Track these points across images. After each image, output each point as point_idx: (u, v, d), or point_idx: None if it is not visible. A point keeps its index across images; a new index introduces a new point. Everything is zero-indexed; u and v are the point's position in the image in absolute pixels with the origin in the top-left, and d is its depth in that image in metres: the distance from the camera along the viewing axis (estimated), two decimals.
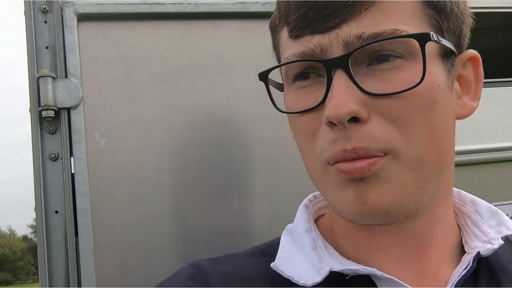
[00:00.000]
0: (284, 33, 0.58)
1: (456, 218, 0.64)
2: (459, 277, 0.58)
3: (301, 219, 0.65)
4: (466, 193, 0.66)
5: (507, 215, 1.22)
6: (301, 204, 0.67)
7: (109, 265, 0.94)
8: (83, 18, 0.97)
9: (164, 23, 1.00)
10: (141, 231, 0.95)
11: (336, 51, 0.53)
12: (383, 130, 0.53)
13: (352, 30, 0.52)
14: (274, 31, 0.62)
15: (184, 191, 0.97)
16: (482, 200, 0.66)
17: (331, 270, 0.57)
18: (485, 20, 1.44)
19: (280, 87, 0.62)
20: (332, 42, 0.53)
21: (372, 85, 0.52)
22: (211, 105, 1.01)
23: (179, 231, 0.96)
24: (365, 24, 0.52)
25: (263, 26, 1.05)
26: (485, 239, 0.60)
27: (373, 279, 0.57)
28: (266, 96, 1.19)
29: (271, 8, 1.04)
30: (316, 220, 0.67)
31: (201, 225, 0.97)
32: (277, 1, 0.59)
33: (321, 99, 0.54)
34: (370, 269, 0.56)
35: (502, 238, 0.60)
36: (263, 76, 0.60)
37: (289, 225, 0.66)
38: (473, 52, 0.60)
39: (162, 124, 0.98)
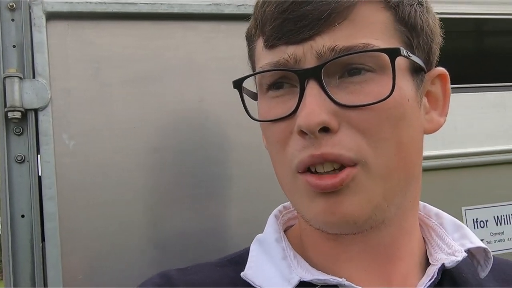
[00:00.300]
0: (260, 43, 0.59)
1: (421, 230, 0.65)
2: (425, 287, 0.58)
3: (271, 229, 0.65)
4: (431, 206, 0.68)
5: (477, 219, 1.24)
6: (271, 215, 0.68)
7: (77, 270, 0.92)
8: (52, 16, 0.94)
9: (136, 24, 0.99)
10: (111, 236, 0.93)
11: (310, 62, 0.54)
12: (353, 140, 0.53)
13: (325, 42, 0.54)
14: (250, 40, 0.62)
15: (155, 195, 0.96)
16: (447, 214, 0.67)
17: (301, 280, 0.57)
18: (457, 26, 1.46)
19: (254, 96, 0.62)
20: (305, 53, 0.54)
21: (343, 97, 0.53)
22: (183, 107, 0.99)
23: (150, 235, 0.94)
24: (338, 37, 0.54)
25: (237, 28, 1.04)
26: (449, 251, 0.61)
27: None
28: (239, 100, 1.19)
29: (246, 10, 1.03)
30: (285, 231, 0.67)
31: (173, 229, 0.95)
32: (254, 12, 0.59)
33: (293, 108, 0.55)
34: (339, 279, 0.57)
35: (465, 251, 0.61)
36: (237, 84, 0.60)
37: (259, 235, 0.66)
38: (441, 69, 0.62)
39: (133, 127, 0.96)
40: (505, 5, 1.41)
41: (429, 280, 0.59)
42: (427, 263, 0.63)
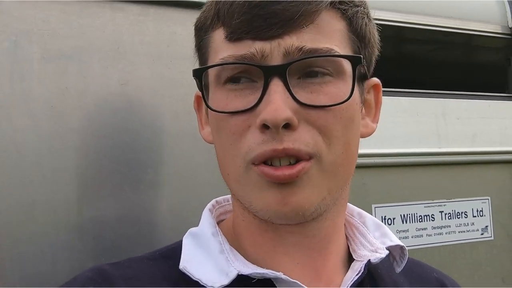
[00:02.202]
0: (219, 34, 0.59)
1: (344, 228, 0.69)
2: (352, 281, 0.62)
3: (207, 224, 0.66)
4: (353, 206, 0.72)
5: (385, 216, 1.31)
6: (205, 209, 0.69)
7: None
8: None
9: None
10: (19, 220, 0.89)
11: (276, 59, 0.57)
12: (310, 136, 0.57)
13: (293, 42, 0.56)
14: (203, 30, 0.62)
15: (71, 179, 0.92)
16: (368, 213, 0.72)
17: (239, 273, 0.59)
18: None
19: (199, 86, 0.63)
20: (273, 50, 0.57)
21: (303, 96, 0.57)
22: (105, 90, 0.96)
23: (64, 220, 0.91)
24: (305, 39, 0.57)
25: (166, 14, 1.03)
26: (372, 249, 0.66)
27: (274, 282, 0.60)
28: (164, 85, 1.17)
29: None
30: (217, 224, 0.67)
31: (89, 215, 0.92)
32: (214, 2, 0.59)
33: (254, 102, 0.57)
34: (277, 273, 0.59)
35: (386, 248, 0.65)
36: (198, 73, 0.60)
37: (193, 229, 0.67)
38: (376, 80, 0.67)
39: (50, 106, 0.92)
40: (423, 15, 1.49)
41: (356, 275, 0.63)
42: (349, 259, 0.66)
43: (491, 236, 1.50)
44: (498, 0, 1.65)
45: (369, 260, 0.64)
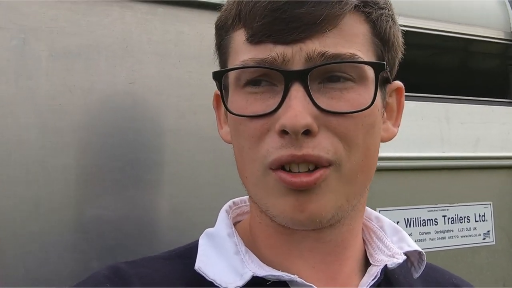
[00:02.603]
0: (240, 36, 0.58)
1: (362, 232, 0.69)
2: (368, 286, 0.61)
3: (223, 224, 0.66)
4: (371, 209, 0.72)
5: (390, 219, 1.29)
6: (222, 210, 0.68)
7: None
8: None
9: None
10: (23, 218, 0.88)
11: (297, 64, 0.55)
12: (330, 143, 0.56)
13: (316, 46, 0.55)
14: (224, 29, 0.62)
15: (75, 177, 0.92)
16: (386, 218, 0.71)
17: (254, 275, 0.58)
18: None
19: (219, 87, 0.62)
20: (294, 55, 0.55)
21: (324, 102, 0.56)
22: (112, 89, 0.96)
23: (69, 219, 0.90)
24: (328, 44, 0.56)
25: (174, 13, 1.02)
26: (389, 254, 0.65)
27: (289, 284, 0.59)
28: (171, 85, 1.16)
29: None
30: (233, 225, 0.67)
31: (93, 213, 0.92)
32: (236, 1, 0.59)
33: (274, 107, 0.56)
34: (292, 276, 0.59)
35: (403, 253, 0.64)
36: (219, 76, 0.59)
37: (209, 230, 0.67)
38: (399, 83, 0.67)
39: (56, 103, 0.91)
40: (424, 20, 1.49)
41: (372, 280, 0.62)
42: (366, 263, 0.66)
43: (492, 241, 1.50)
44: (500, 6, 1.66)
45: (385, 265, 0.63)
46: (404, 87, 0.67)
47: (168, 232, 0.98)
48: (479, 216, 1.48)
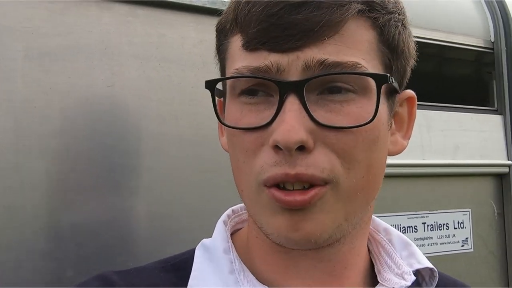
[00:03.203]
0: (237, 41, 0.55)
1: (369, 244, 0.66)
2: None
3: (219, 238, 0.63)
4: (380, 220, 0.68)
5: None
6: (219, 220, 0.65)
7: None
8: None
9: None
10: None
11: (294, 74, 0.52)
12: (327, 160, 0.52)
13: (314, 54, 0.51)
14: (223, 33, 0.59)
15: (51, 182, 0.89)
16: (395, 230, 0.68)
17: None
18: None
19: (220, 94, 0.59)
20: (290, 64, 0.52)
21: (322, 115, 0.52)
22: (90, 91, 0.93)
23: (45, 225, 0.87)
24: (328, 51, 0.52)
25: (155, 15, 1.00)
26: (398, 272, 0.62)
27: None
28: (151, 89, 1.13)
29: None
30: (232, 234, 0.65)
31: (70, 220, 0.89)
32: (234, 4, 0.55)
33: (268, 119, 0.52)
34: None
35: (413, 272, 0.62)
36: (211, 85, 0.56)
37: (206, 241, 0.64)
38: (411, 92, 0.62)
39: (33, 106, 0.88)
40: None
41: None
42: (373, 278, 0.63)
43: (471, 248, 1.51)
44: (480, 15, 1.68)
45: None
46: (416, 97, 0.62)
47: (147, 240, 0.96)
48: (458, 223, 1.49)
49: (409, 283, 0.61)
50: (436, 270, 0.64)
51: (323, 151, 0.52)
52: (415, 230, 1.38)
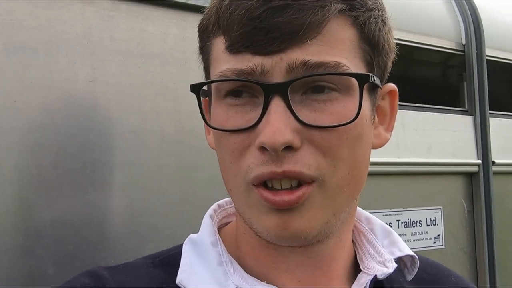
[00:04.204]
0: (220, 43, 0.55)
1: (352, 234, 0.67)
2: None
3: (207, 232, 0.63)
4: (361, 210, 0.69)
5: None
6: (206, 215, 0.65)
7: None
8: None
9: None
10: None
11: (277, 76, 0.53)
12: (313, 158, 0.54)
13: (297, 55, 0.52)
14: (205, 34, 0.59)
15: (32, 178, 0.87)
16: (377, 219, 0.69)
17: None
18: None
19: (205, 94, 0.60)
20: (274, 66, 0.52)
21: (307, 115, 0.53)
22: (71, 86, 0.92)
23: (23, 222, 0.85)
24: (310, 52, 0.52)
25: (139, 11, 0.99)
26: (380, 260, 0.63)
27: None
28: (133, 85, 1.12)
29: None
30: (219, 229, 0.65)
31: (48, 216, 0.87)
32: (216, 5, 0.55)
33: (254, 121, 0.53)
34: None
35: (394, 259, 0.63)
36: (196, 89, 0.56)
37: (193, 236, 0.64)
38: (392, 85, 0.64)
39: (12, 101, 0.86)
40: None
41: None
42: (355, 268, 0.64)
43: (442, 245, 1.55)
44: (452, 19, 1.72)
45: (375, 275, 0.62)
46: (397, 90, 0.64)
47: (129, 237, 0.95)
48: (430, 220, 1.53)
49: (391, 270, 0.62)
50: (417, 257, 0.65)
51: (309, 150, 0.53)
52: (390, 227, 1.41)
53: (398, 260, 0.65)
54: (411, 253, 0.65)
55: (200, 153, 1.02)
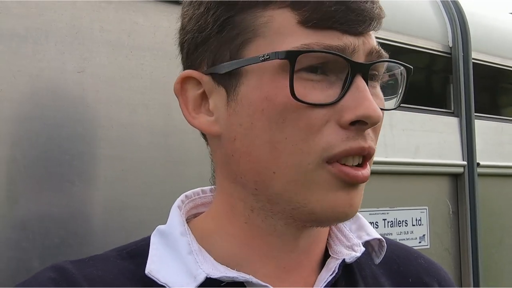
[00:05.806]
0: (284, 16, 0.54)
1: None
2: (326, 282, 0.59)
3: (175, 222, 0.62)
4: None
5: None
6: (174, 206, 0.64)
7: None
8: None
9: None
10: None
11: (360, 57, 0.56)
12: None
13: (373, 41, 0.57)
14: (239, 5, 0.56)
15: (17, 170, 0.85)
16: None
17: (208, 276, 0.55)
18: None
19: (219, 79, 0.58)
20: (360, 47, 0.56)
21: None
22: (60, 77, 0.90)
23: (9, 214, 0.83)
24: (374, 40, 0.58)
25: (130, 2, 0.98)
26: (348, 244, 0.64)
27: (246, 285, 0.57)
28: (122, 76, 1.11)
29: None
30: (188, 219, 0.64)
31: (34, 208, 0.85)
32: None
33: (336, 97, 0.54)
34: (247, 276, 0.56)
35: (362, 243, 0.63)
36: (293, 56, 0.53)
37: (161, 227, 0.63)
38: None
39: None
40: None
41: (330, 275, 0.60)
42: (324, 254, 0.64)
43: (427, 245, 1.56)
44: (439, 20, 1.74)
45: (343, 259, 0.62)
46: None
47: (116, 231, 0.93)
48: (416, 220, 1.53)
49: (359, 254, 0.63)
50: (384, 240, 0.66)
51: (371, 130, 0.57)
52: (376, 226, 1.41)
53: (366, 244, 0.65)
54: (379, 236, 0.66)
55: (190, 147, 1.01)
